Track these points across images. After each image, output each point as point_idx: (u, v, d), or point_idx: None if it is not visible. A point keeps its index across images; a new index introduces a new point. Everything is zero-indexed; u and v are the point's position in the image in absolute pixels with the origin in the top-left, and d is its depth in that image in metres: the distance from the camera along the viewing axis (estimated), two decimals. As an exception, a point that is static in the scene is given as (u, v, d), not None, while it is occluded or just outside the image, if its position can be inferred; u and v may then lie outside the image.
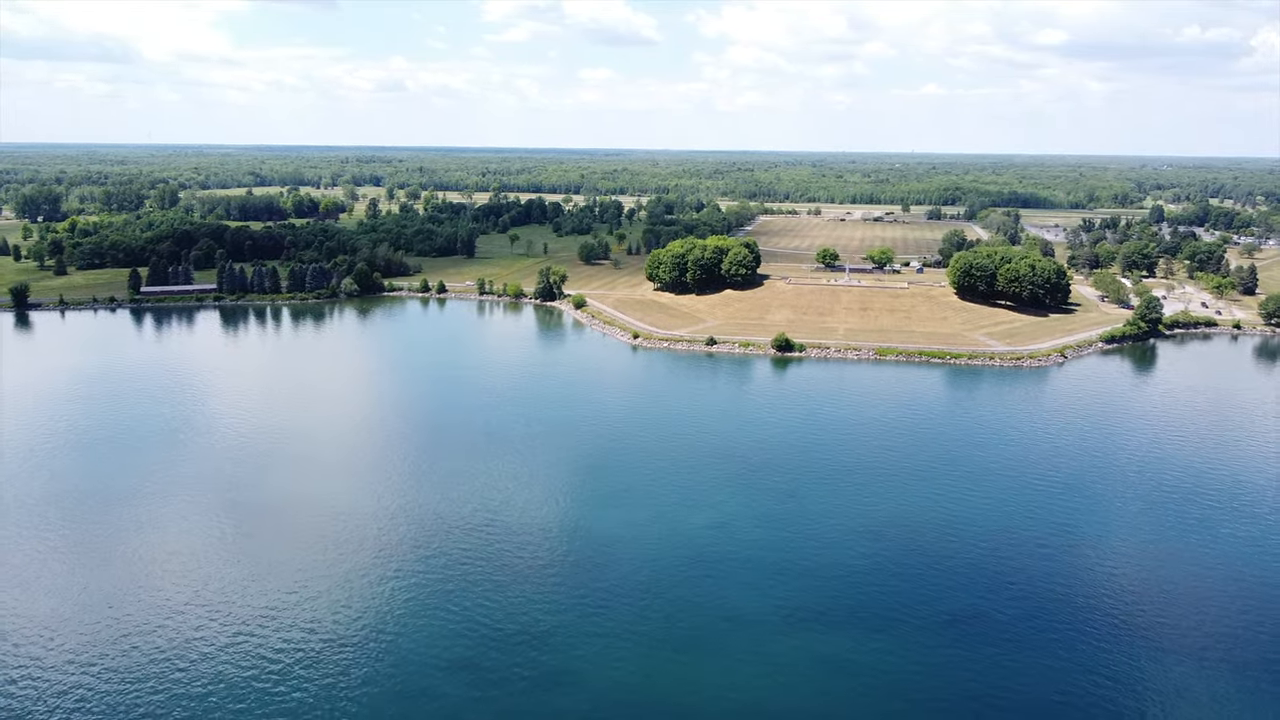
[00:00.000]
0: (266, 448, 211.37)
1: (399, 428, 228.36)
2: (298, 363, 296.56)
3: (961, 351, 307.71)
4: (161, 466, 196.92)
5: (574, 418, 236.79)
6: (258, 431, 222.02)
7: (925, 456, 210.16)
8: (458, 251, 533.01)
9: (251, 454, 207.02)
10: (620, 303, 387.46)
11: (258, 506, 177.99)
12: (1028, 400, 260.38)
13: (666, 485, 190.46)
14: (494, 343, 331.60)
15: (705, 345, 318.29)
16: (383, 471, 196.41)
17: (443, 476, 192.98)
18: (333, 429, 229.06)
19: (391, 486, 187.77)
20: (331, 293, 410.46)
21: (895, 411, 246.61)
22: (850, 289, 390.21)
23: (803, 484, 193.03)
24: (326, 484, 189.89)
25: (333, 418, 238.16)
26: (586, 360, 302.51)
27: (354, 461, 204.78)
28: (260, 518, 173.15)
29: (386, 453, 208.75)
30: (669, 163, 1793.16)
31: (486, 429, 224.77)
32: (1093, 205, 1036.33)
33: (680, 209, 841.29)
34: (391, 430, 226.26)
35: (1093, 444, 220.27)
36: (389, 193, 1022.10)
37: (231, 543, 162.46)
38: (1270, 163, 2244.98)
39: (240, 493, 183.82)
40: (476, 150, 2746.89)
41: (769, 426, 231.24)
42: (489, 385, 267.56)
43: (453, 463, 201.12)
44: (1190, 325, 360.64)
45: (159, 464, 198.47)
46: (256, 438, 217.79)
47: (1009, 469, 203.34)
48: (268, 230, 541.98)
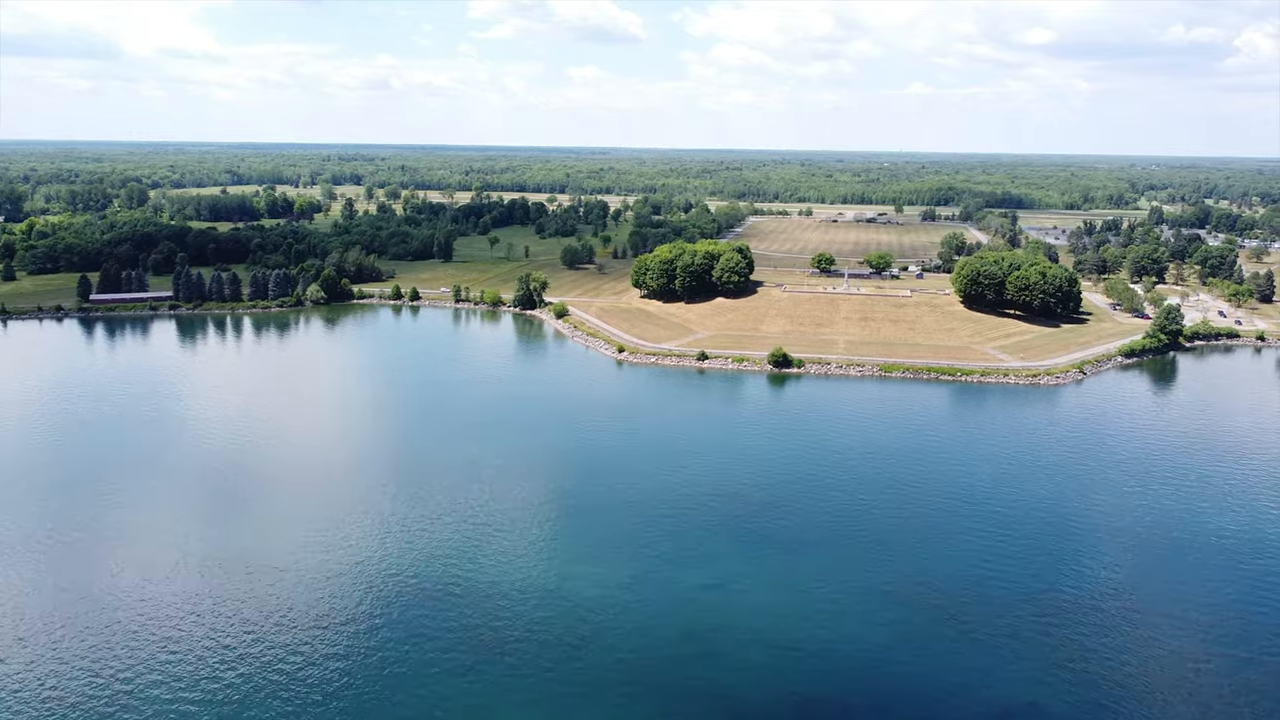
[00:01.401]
0: (193, 489, 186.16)
1: (353, 465, 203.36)
2: (248, 383, 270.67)
3: (973, 368, 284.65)
4: (70, 510, 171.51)
5: (551, 448, 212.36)
6: (191, 467, 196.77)
7: (944, 494, 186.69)
8: (434, 255, 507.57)
9: (176, 498, 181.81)
10: (604, 312, 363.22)
11: (172, 572, 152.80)
12: (1050, 425, 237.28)
13: (654, 533, 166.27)
14: (467, 357, 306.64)
15: (696, 360, 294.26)
16: (332, 520, 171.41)
17: (401, 525, 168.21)
18: (278, 467, 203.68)
19: (342, 538, 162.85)
20: (296, 300, 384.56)
21: (906, 438, 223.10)
22: (850, 297, 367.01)
23: (809, 530, 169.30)
24: (266, 535, 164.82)
25: (279, 454, 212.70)
26: (566, 378, 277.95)
27: (299, 507, 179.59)
28: (179, 583, 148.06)
29: (338, 496, 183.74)
30: (656, 162, 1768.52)
31: (453, 464, 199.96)
32: (1088, 206, 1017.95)
33: (668, 209, 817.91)
34: (345, 467, 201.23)
35: (1131, 479, 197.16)
36: (368, 192, 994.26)
37: (135, 626, 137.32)
38: (1257, 163, 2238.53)
39: (153, 549, 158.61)
40: (462, 148, 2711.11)
41: (768, 459, 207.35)
42: (458, 409, 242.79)
43: (413, 508, 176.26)
44: (1211, 336, 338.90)
45: (70, 507, 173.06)
46: (188, 476, 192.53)
47: (1040, 510, 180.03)
48: (234, 232, 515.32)
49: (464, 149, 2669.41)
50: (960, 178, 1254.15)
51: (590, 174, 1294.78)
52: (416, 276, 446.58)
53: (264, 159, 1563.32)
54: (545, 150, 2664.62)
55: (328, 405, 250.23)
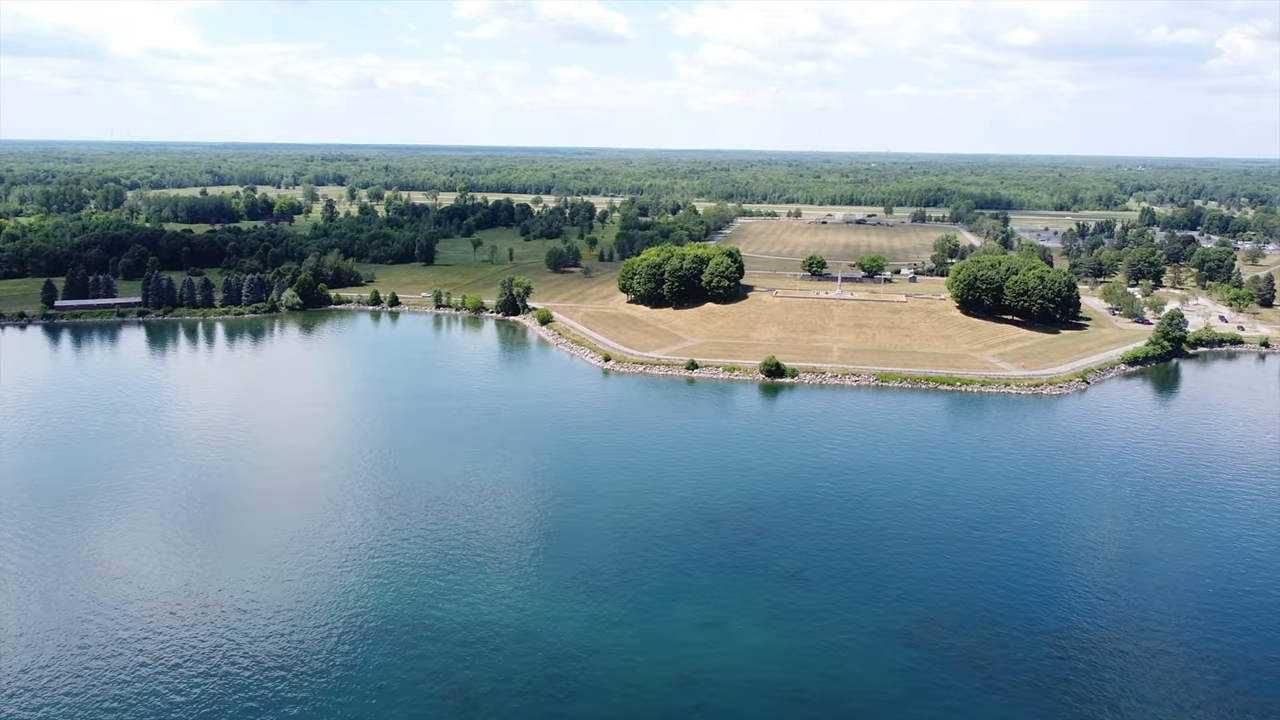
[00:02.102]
0: (144, 513, 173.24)
1: (319, 487, 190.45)
2: (212, 396, 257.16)
3: (973, 377, 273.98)
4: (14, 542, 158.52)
5: (532, 468, 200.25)
6: (142, 488, 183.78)
7: (950, 517, 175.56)
8: (416, 258, 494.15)
9: (124, 524, 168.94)
10: (590, 318, 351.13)
11: (117, 610, 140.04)
12: (1055, 440, 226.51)
13: (642, 564, 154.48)
14: (446, 368, 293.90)
15: (685, 369, 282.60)
16: (294, 549, 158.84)
17: (368, 556, 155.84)
18: (237, 489, 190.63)
19: (303, 571, 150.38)
20: (271, 306, 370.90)
21: (907, 455, 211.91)
22: (843, 303, 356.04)
23: (808, 559, 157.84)
24: (221, 566, 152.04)
25: (238, 474, 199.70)
26: (550, 390, 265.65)
27: (259, 534, 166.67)
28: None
29: (301, 522, 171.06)
30: (643, 162, 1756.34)
31: (426, 487, 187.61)
32: (1077, 207, 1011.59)
33: (655, 211, 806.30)
34: (310, 490, 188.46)
35: (1146, 498, 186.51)
36: (350, 193, 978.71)
37: (73, 672, 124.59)
38: (1243, 163, 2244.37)
39: (96, 583, 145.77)
40: (448, 149, 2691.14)
41: (762, 478, 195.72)
42: (434, 426, 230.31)
43: (381, 536, 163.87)
44: (1214, 343, 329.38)
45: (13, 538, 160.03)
46: (139, 498, 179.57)
47: (1052, 534, 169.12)
48: (210, 235, 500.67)
49: (450, 149, 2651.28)
50: (949, 178, 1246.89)
51: (576, 174, 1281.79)
52: (397, 280, 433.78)
53: (246, 159, 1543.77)
54: (531, 150, 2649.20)
55: (294, 421, 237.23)
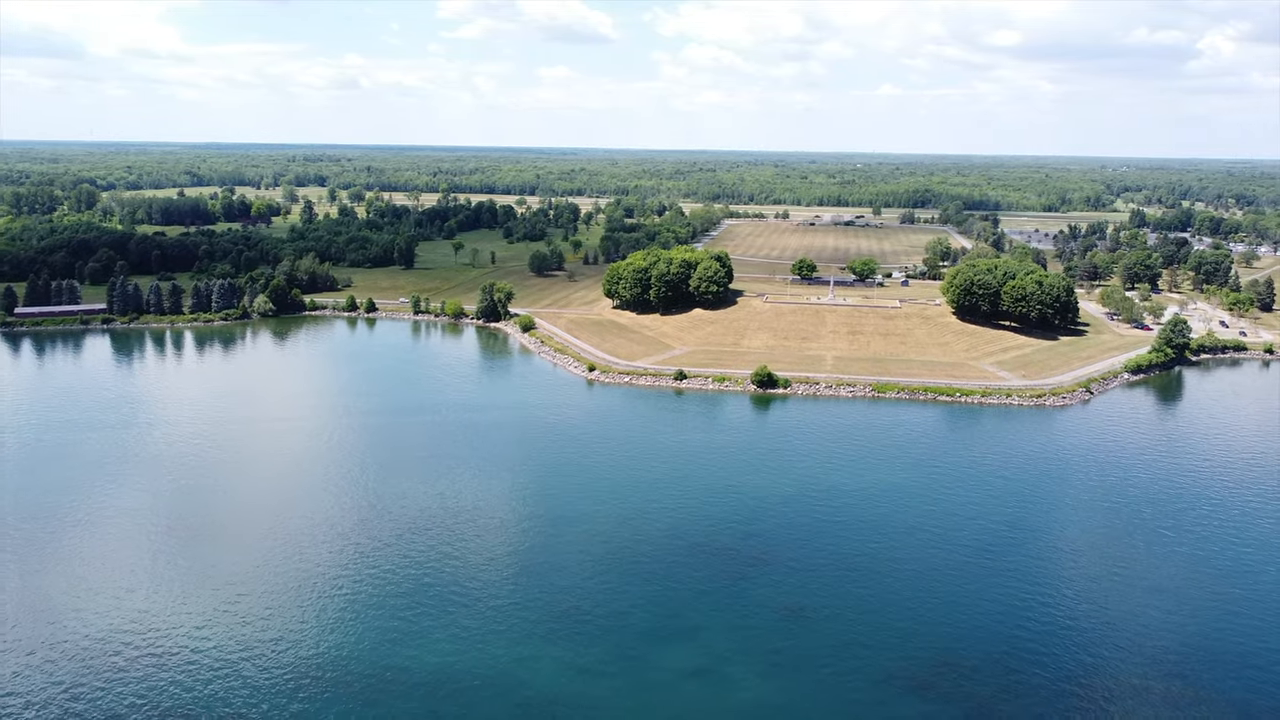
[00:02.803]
0: (89, 541, 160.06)
1: (281, 514, 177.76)
2: (173, 411, 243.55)
3: (973, 387, 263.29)
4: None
5: (511, 491, 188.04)
6: (86, 512, 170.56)
7: (957, 543, 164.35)
8: (395, 261, 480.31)
9: (64, 552, 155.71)
10: (574, 324, 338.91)
11: (50, 654, 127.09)
12: (1061, 455, 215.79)
13: (629, 600, 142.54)
14: (423, 378, 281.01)
15: (673, 380, 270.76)
16: (251, 583, 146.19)
17: (330, 593, 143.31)
18: (192, 514, 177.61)
19: (260, 610, 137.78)
20: (243, 313, 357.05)
21: (908, 474, 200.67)
22: (836, 309, 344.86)
23: (809, 593, 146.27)
24: (171, 603, 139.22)
25: (195, 498, 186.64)
26: (531, 403, 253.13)
27: (213, 566, 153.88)
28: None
29: (260, 553, 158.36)
30: (628, 162, 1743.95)
31: (397, 511, 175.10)
32: (1065, 208, 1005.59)
33: (641, 212, 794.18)
34: (272, 517, 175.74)
35: (1163, 519, 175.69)
36: (330, 194, 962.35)
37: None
38: (1225, 164, 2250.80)
39: (32, 626, 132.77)
40: (432, 149, 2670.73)
41: (757, 500, 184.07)
42: (408, 443, 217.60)
43: (345, 569, 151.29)
44: (1217, 349, 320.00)
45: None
46: (83, 524, 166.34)
47: (1066, 562, 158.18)
48: (182, 238, 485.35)
49: (434, 149, 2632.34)
50: (936, 179, 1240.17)
51: (561, 175, 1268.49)
52: (375, 285, 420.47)
53: (226, 159, 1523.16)
54: (516, 151, 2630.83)
55: (260, 439, 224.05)
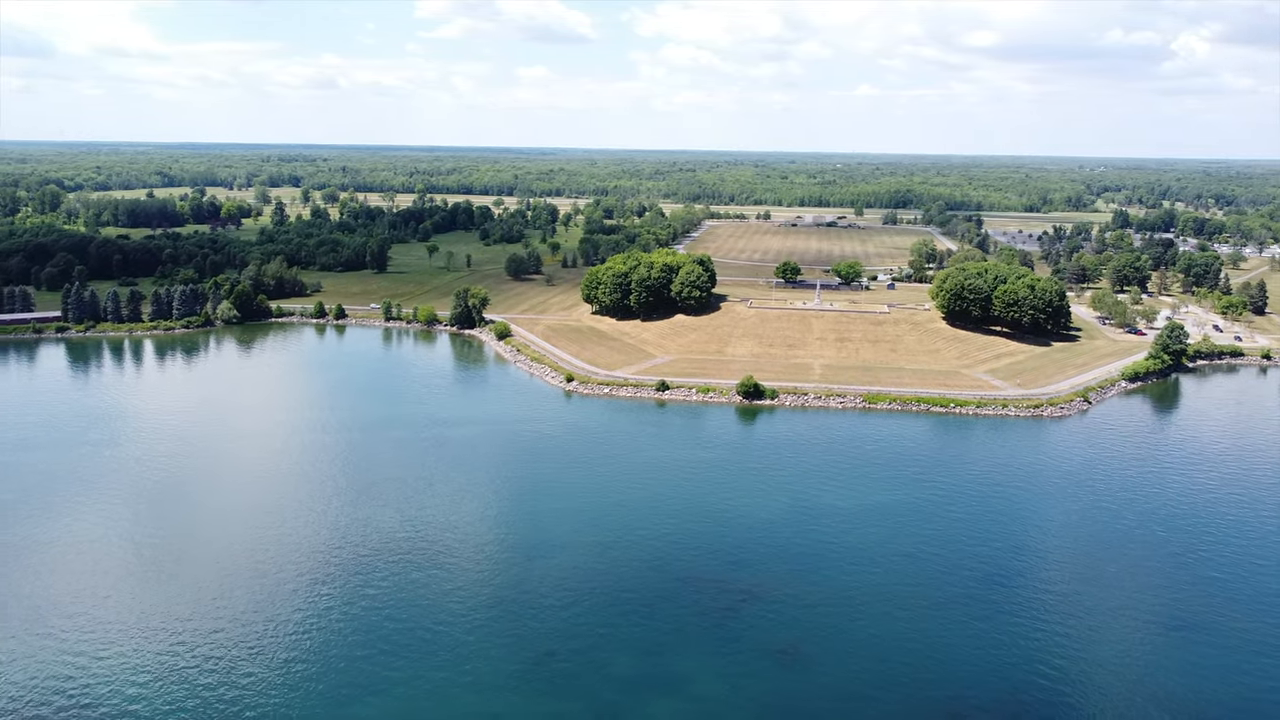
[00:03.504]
0: (18, 578, 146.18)
1: (233, 543, 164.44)
2: (125, 427, 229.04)
3: (967, 398, 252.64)
4: None
5: (483, 515, 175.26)
6: (14, 556, 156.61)
7: (963, 573, 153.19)
8: (367, 265, 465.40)
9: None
10: (552, 331, 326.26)
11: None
12: (1064, 469, 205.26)
13: (608, 642, 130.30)
14: (392, 390, 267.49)
15: (655, 391, 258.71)
16: (192, 630, 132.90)
17: (280, 635, 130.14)
18: (130, 557, 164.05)
19: (200, 657, 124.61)
20: (205, 320, 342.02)
21: (904, 492, 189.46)
22: (822, 314, 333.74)
23: (804, 630, 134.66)
24: (91, 664, 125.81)
25: (136, 536, 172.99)
26: (506, 416, 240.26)
27: (147, 613, 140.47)
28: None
29: (207, 588, 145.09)
30: (607, 163, 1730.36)
31: (354, 544, 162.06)
32: (1046, 209, 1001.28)
33: (621, 213, 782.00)
34: (222, 545, 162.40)
35: (1176, 538, 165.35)
36: (304, 195, 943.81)
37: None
38: (1201, 164, 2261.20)
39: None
40: (411, 149, 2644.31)
41: (745, 524, 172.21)
42: (371, 464, 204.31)
43: (299, 609, 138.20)
44: (1214, 356, 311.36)
45: None
46: (10, 557, 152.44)
47: (1081, 594, 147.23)
48: (146, 241, 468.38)
49: (412, 149, 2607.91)
50: (917, 179, 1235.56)
51: (540, 175, 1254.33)
52: (346, 290, 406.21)
53: (198, 159, 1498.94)
54: (495, 151, 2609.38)
55: (213, 459, 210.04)
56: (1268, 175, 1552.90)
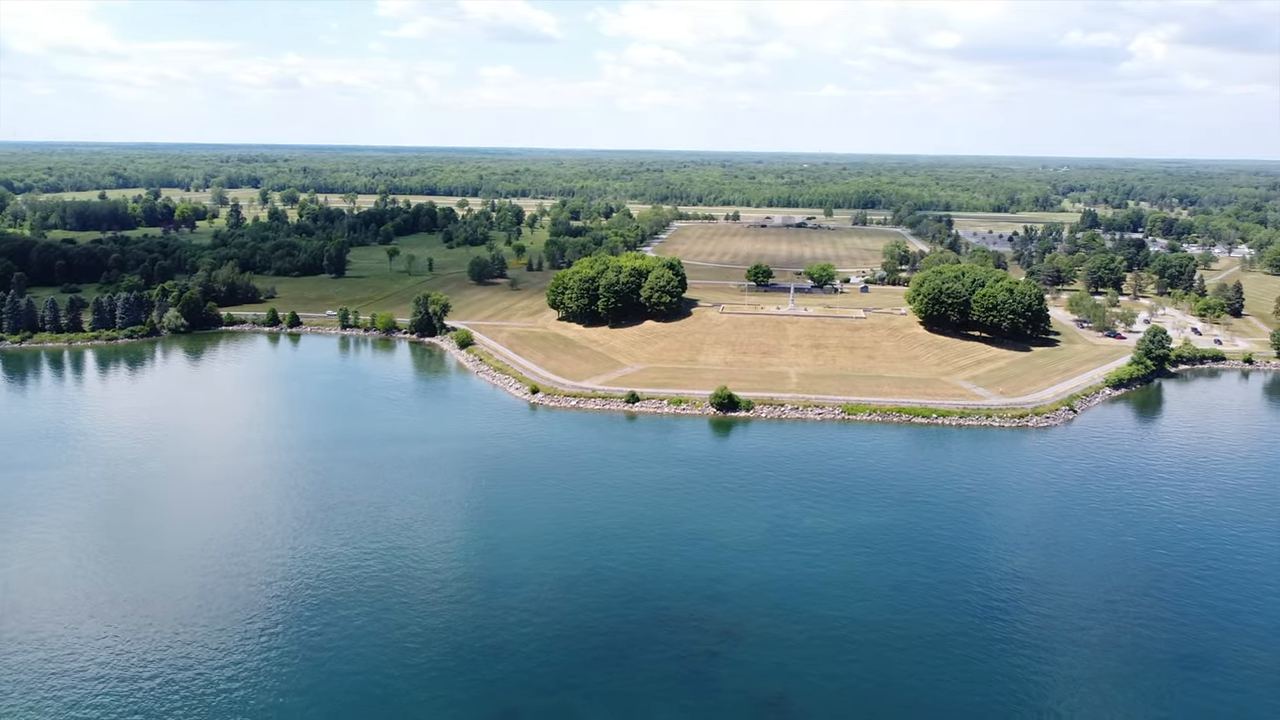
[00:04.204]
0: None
1: (161, 584, 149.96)
2: (52, 450, 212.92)
3: (950, 407, 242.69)
4: None
5: (439, 546, 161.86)
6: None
7: (957, 604, 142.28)
8: (325, 269, 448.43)
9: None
10: (517, 339, 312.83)
11: None
12: (1055, 484, 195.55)
13: (576, 696, 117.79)
14: (347, 404, 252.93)
15: (625, 403, 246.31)
16: (103, 692, 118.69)
17: (201, 699, 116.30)
18: (39, 606, 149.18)
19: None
20: (151, 329, 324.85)
21: (891, 513, 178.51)
22: (797, 320, 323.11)
23: (791, 675, 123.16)
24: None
25: (49, 581, 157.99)
26: (466, 431, 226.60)
27: (55, 670, 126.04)
28: None
29: (126, 642, 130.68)
30: (574, 163, 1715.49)
31: (299, 579, 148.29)
32: (1014, 209, 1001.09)
33: (587, 214, 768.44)
34: (149, 586, 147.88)
35: (1180, 563, 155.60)
36: (262, 196, 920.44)
37: None
38: (1161, 163, 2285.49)
39: None
40: (375, 149, 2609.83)
41: (723, 551, 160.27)
42: (324, 484, 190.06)
43: (225, 668, 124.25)
44: (1195, 360, 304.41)
45: None
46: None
47: (1086, 629, 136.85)
48: (92, 246, 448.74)
49: (376, 149, 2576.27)
50: (885, 179, 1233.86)
51: (505, 176, 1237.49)
52: (301, 296, 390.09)
53: (155, 160, 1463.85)
54: (460, 151, 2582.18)
55: (145, 483, 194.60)
56: (1227, 175, 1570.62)
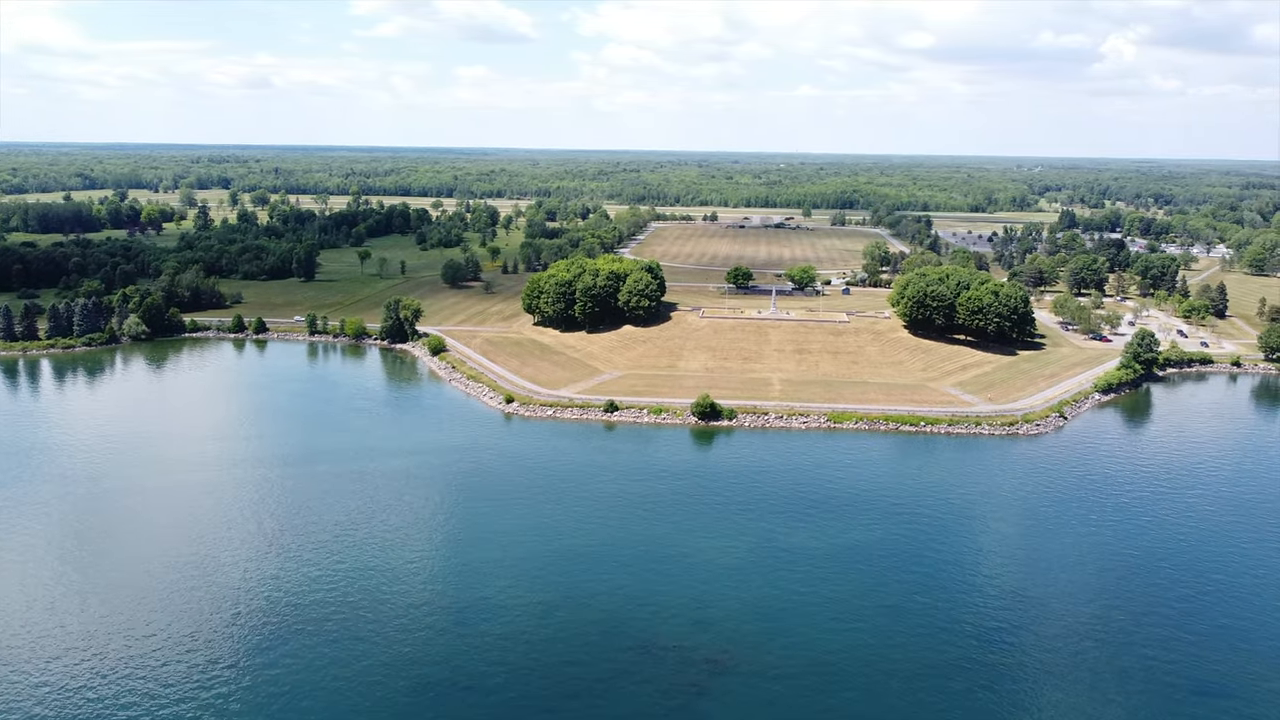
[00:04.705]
0: None
1: (103, 619, 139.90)
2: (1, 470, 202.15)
3: (938, 415, 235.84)
4: None
5: (404, 570, 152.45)
6: None
7: (957, 630, 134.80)
8: (294, 273, 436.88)
9: None
10: (491, 345, 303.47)
11: None
12: (1050, 495, 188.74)
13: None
14: (312, 414, 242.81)
15: (603, 412, 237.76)
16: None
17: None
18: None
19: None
20: (110, 336, 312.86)
21: (882, 528, 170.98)
22: (779, 324, 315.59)
23: (784, 712, 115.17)
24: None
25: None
26: (437, 444, 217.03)
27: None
28: None
29: (55, 700, 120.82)
30: (550, 163, 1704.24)
31: (250, 612, 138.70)
32: (991, 208, 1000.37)
33: (564, 215, 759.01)
34: (87, 621, 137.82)
35: (1185, 581, 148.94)
36: (232, 198, 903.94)
37: None
38: (1133, 163, 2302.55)
39: None
40: (349, 149, 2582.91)
41: (708, 573, 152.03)
42: (283, 503, 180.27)
43: (181, 708, 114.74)
44: (1183, 363, 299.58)
45: None
46: None
47: (1096, 654, 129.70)
48: (51, 250, 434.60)
49: (351, 150, 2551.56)
50: (862, 179, 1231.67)
51: (480, 176, 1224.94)
52: (269, 301, 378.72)
53: (123, 160, 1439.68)
54: (435, 151, 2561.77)
55: (91, 507, 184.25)
56: (1199, 175, 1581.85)
